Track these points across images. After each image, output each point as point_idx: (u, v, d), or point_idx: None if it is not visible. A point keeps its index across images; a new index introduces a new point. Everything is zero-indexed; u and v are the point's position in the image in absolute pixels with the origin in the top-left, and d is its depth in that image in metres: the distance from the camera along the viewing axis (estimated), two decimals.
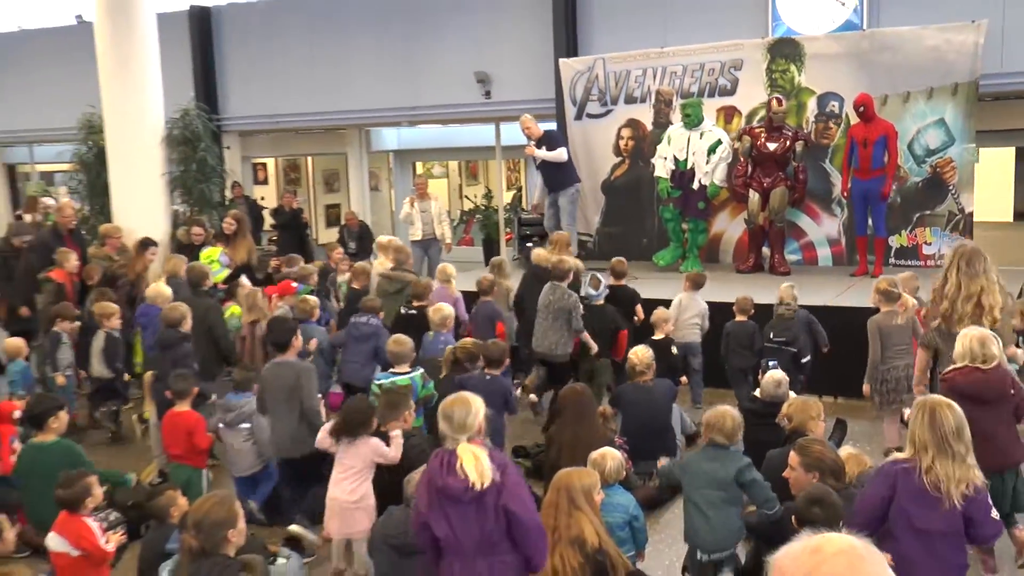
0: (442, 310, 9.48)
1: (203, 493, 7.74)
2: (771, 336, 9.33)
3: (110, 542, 6.19)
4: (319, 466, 7.37)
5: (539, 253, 11.02)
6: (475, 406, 4.88)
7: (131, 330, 10.82)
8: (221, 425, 7.90)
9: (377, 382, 8.15)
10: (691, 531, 6.16)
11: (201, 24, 19.94)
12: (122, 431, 10.32)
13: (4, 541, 6.25)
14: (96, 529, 6.12)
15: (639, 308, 10.40)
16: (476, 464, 4.67)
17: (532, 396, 10.50)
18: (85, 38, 15.62)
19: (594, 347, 9.73)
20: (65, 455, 7.25)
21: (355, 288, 11.10)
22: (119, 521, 7.48)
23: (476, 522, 4.73)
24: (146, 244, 12.40)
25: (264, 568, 5.43)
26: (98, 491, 6.28)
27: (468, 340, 8.83)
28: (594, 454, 6.32)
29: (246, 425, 7.75)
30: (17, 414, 8.12)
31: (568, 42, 15.83)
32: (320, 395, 8.26)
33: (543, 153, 13.01)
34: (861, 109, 11.84)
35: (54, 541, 6.06)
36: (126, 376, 10.54)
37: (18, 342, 9.89)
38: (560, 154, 13.04)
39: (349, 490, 6.75)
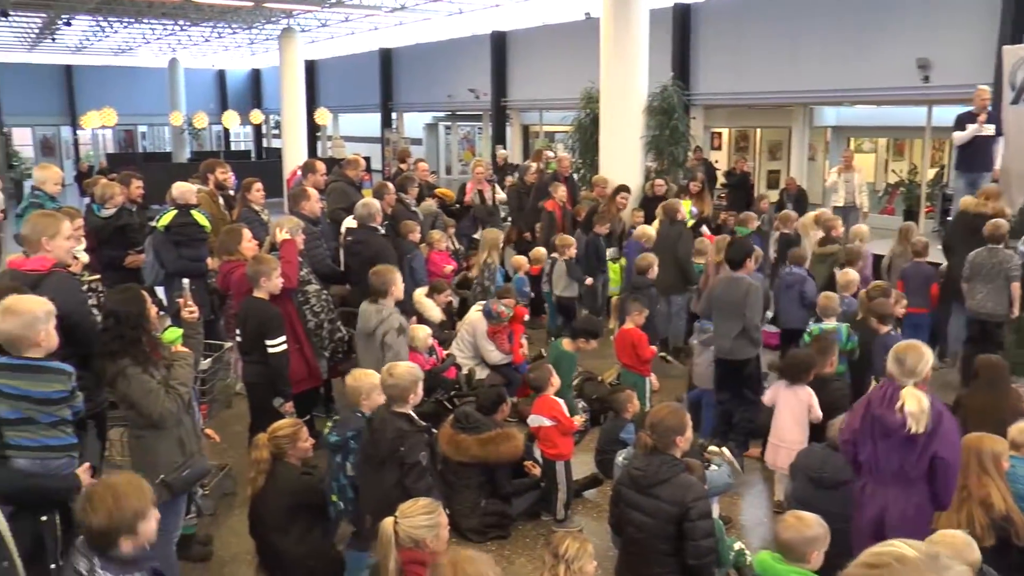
0: (848, 275, 8.57)
1: (646, 397, 7.74)
2: None
3: (575, 419, 6.31)
4: (746, 376, 7.05)
5: (967, 200, 9.64)
6: (927, 355, 4.44)
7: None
8: (695, 342, 7.76)
9: (808, 331, 7.65)
10: None
11: (682, 17, 19.87)
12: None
13: (504, 409, 6.54)
14: (563, 405, 6.28)
15: None
16: (918, 409, 4.24)
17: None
18: (590, 30, 16.04)
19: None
20: (565, 358, 7.57)
21: (785, 233, 10.61)
22: (584, 409, 7.63)
23: (899, 456, 4.36)
24: (619, 190, 12.52)
25: (702, 471, 5.25)
26: (555, 379, 6.39)
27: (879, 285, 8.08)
28: (1021, 424, 5.42)
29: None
30: (526, 317, 8.55)
31: (1014, 29, 13.82)
32: None
33: (991, 129, 11.31)
34: None
35: (532, 418, 6.30)
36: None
37: (522, 259, 10.28)
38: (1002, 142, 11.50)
39: (791, 432, 6.49)
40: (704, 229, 11.56)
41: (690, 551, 4.53)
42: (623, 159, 14.20)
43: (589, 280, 10.54)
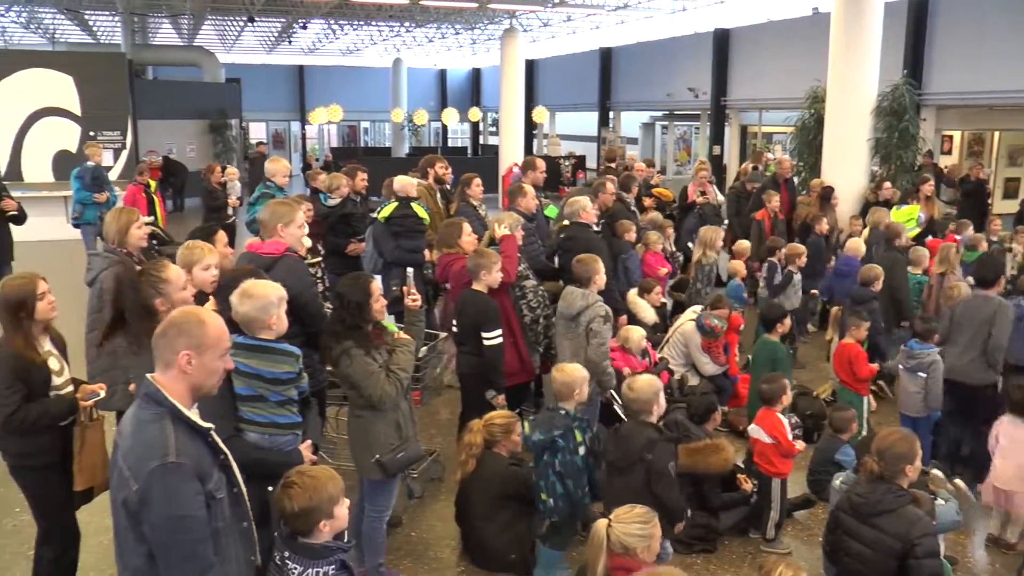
0: None
1: (864, 417, 7.33)
2: None
3: (796, 442, 5.99)
4: (981, 404, 6.51)
5: None
6: None
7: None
8: (901, 367, 7.27)
9: None
10: None
11: (917, 10, 18.68)
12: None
13: (715, 419, 6.36)
14: (786, 424, 5.97)
15: None
16: None
17: None
18: (818, 25, 15.39)
19: None
20: (773, 350, 7.31)
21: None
22: (797, 425, 7.30)
23: None
24: (827, 192, 12.00)
25: (931, 505, 4.89)
26: (787, 397, 6.10)
27: None
28: None
29: (922, 375, 7.03)
30: (742, 327, 8.29)
31: None
32: None
33: None
34: None
35: (753, 428, 6.05)
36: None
37: (739, 264, 9.93)
38: None
39: (1013, 465, 5.94)
40: (929, 239, 10.85)
41: None
42: (847, 162, 13.63)
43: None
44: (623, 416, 5.31)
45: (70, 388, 4.59)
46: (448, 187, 9.92)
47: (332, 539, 3.42)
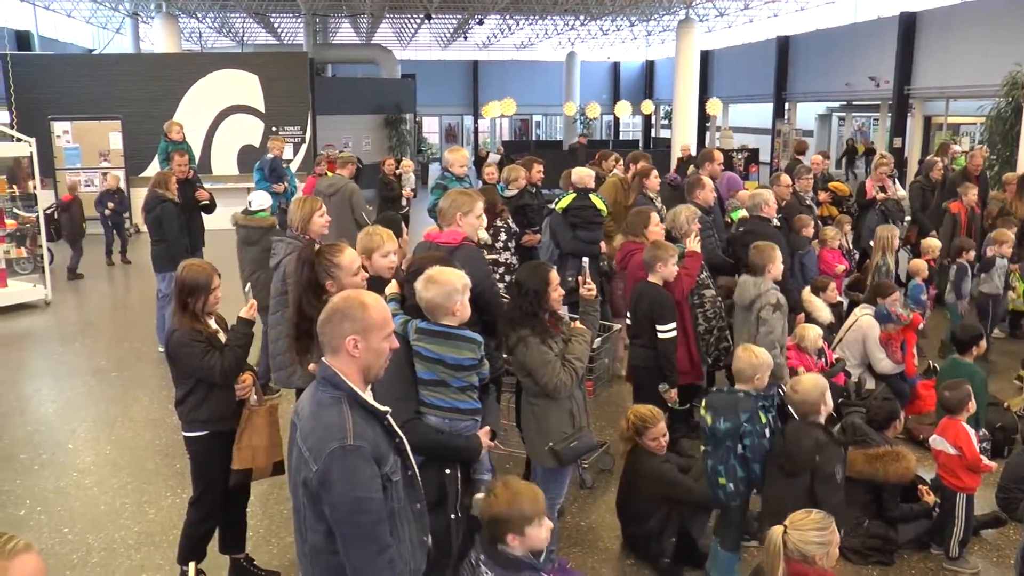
0: None
1: None
2: None
3: (984, 457, 5.62)
4: None
5: None
6: None
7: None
8: None
9: None
10: None
11: None
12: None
13: (896, 427, 6.09)
14: (972, 435, 5.61)
15: None
16: None
17: None
18: (1021, 4, 14.37)
19: None
20: (964, 373, 6.77)
21: None
22: (985, 438, 6.89)
23: None
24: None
25: None
26: (972, 405, 5.71)
27: None
28: None
29: None
30: (921, 326, 7.88)
31: None
32: None
33: None
34: None
35: (935, 439, 5.73)
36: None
37: (921, 264, 9.41)
38: None
39: None
40: None
41: None
42: None
43: None
44: (793, 414, 5.09)
45: None
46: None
47: (524, 556, 3.46)
